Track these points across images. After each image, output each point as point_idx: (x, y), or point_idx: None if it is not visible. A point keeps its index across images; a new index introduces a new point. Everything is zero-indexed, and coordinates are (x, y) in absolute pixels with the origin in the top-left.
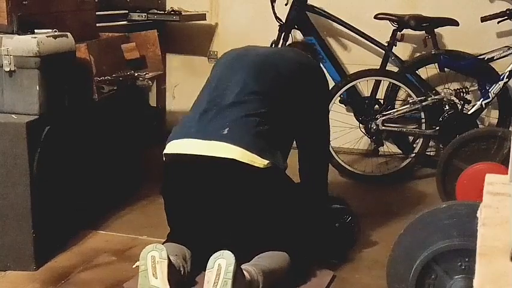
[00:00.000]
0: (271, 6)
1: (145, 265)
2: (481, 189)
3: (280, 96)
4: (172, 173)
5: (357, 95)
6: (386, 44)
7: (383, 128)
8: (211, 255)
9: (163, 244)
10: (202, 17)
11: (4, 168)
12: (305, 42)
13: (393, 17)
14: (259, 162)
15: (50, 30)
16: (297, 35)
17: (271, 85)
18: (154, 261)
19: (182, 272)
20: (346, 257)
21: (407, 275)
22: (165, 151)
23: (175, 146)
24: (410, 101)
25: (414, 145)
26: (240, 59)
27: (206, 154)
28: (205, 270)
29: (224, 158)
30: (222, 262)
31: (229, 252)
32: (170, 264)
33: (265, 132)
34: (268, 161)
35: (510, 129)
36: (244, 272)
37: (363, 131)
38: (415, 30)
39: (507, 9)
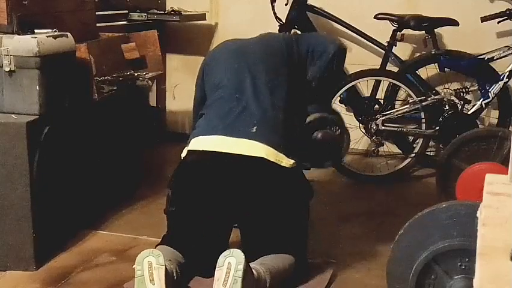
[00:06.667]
0: (271, 6)
1: (141, 270)
2: (481, 189)
3: (289, 83)
4: (195, 171)
5: (357, 95)
6: (386, 44)
7: (383, 128)
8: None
9: (158, 246)
10: (202, 17)
11: (4, 168)
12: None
13: (393, 17)
14: (286, 161)
15: (50, 30)
16: None
17: (280, 75)
18: (151, 267)
19: (175, 277)
20: (344, 255)
21: (407, 275)
22: (189, 147)
23: (202, 143)
24: (410, 101)
25: (414, 145)
26: (241, 54)
27: (235, 152)
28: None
29: (253, 156)
30: (231, 260)
31: (239, 250)
32: (166, 270)
33: (290, 130)
34: (293, 161)
35: (510, 129)
36: (252, 270)
37: (363, 131)
38: (415, 30)
39: (507, 9)
